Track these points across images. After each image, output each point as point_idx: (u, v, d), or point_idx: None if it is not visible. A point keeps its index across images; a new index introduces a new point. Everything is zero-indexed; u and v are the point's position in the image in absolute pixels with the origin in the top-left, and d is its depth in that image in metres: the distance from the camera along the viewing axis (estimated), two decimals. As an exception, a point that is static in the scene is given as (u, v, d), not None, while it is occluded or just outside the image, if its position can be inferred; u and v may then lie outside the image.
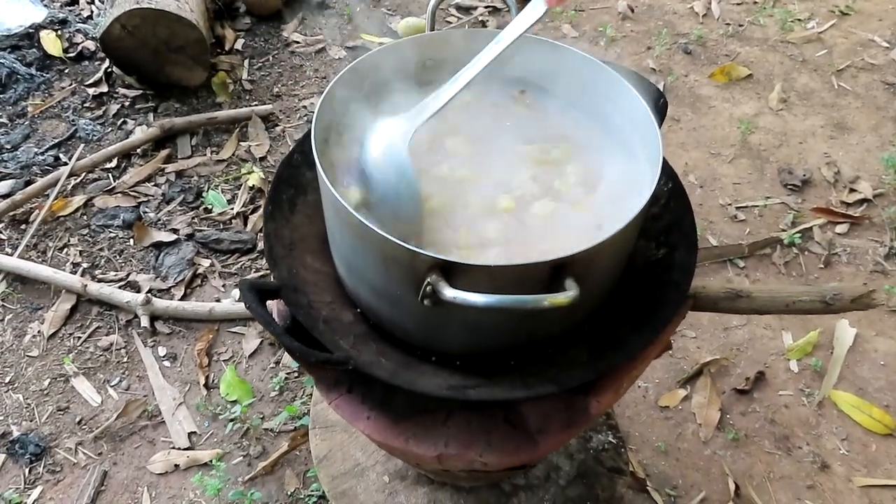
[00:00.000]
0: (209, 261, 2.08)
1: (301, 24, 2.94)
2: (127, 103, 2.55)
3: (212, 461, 1.64)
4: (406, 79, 1.04)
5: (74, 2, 2.99)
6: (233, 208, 2.22)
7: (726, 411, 1.74)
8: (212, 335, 1.90)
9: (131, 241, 2.13)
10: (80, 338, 1.89)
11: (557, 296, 0.71)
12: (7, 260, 2.00)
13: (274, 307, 0.96)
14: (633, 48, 2.82)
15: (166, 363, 1.85)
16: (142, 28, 2.37)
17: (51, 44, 2.71)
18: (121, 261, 2.08)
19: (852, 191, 2.26)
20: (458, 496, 1.33)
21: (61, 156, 2.36)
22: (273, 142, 2.44)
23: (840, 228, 2.15)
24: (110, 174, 2.32)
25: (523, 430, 0.92)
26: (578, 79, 1.02)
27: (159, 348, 1.88)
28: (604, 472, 1.37)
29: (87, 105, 2.54)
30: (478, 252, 0.86)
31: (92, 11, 2.94)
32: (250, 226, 2.18)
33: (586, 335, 0.92)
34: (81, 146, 2.37)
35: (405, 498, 1.34)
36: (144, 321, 1.89)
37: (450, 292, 0.72)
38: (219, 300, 1.97)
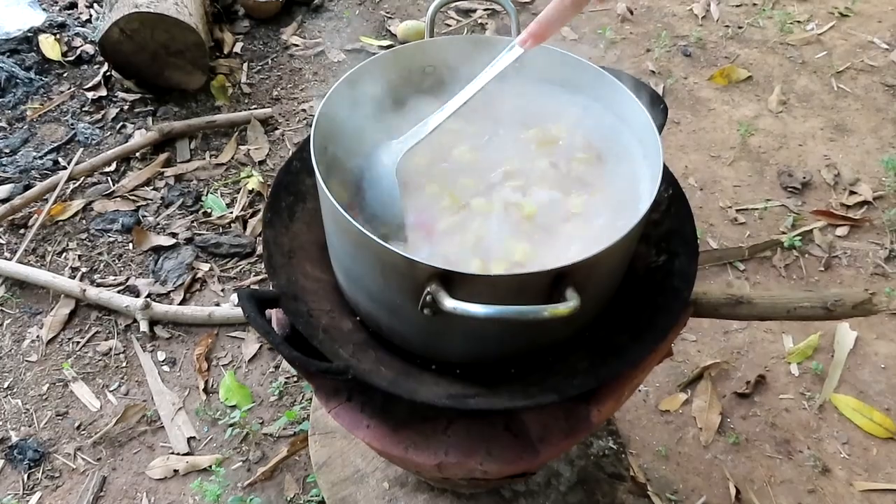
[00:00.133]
0: (208, 265, 2.07)
1: (300, 28, 2.93)
2: (126, 107, 2.54)
3: (211, 466, 1.64)
4: (406, 85, 1.04)
5: (73, 6, 2.98)
6: (232, 212, 2.21)
7: (727, 415, 1.74)
8: (211, 340, 1.89)
9: (130, 245, 2.12)
10: (78, 343, 1.89)
11: (558, 306, 0.70)
12: (6, 264, 2.00)
13: (273, 315, 0.96)
14: (633, 50, 2.81)
15: (165, 368, 1.85)
16: (141, 32, 2.37)
17: (49, 48, 2.71)
18: (120, 265, 2.07)
19: (852, 193, 2.26)
20: (458, 503, 1.33)
21: (60, 160, 2.36)
22: (272, 145, 2.44)
23: (840, 231, 2.15)
24: (109, 178, 2.31)
25: (524, 439, 0.92)
26: (577, 84, 1.01)
27: (158, 353, 1.87)
28: (604, 477, 1.37)
29: (85, 109, 2.54)
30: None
31: (91, 15, 2.93)
32: (249, 230, 2.17)
33: (587, 343, 0.91)
34: (80, 150, 2.37)
35: (405, 504, 1.33)
36: (143, 326, 1.88)
37: (450, 303, 0.71)
38: (218, 304, 1.97)
